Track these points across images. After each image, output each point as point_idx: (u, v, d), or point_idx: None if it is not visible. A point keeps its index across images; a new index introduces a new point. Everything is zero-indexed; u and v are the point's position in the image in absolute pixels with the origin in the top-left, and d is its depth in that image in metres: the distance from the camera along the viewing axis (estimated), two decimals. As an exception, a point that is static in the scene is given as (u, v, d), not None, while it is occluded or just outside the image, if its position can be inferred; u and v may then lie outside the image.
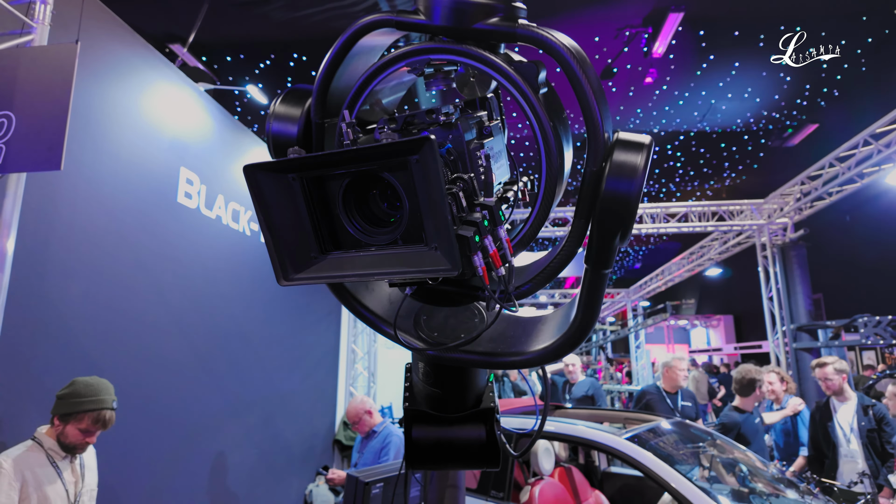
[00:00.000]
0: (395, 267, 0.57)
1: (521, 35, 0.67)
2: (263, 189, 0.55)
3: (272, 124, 0.73)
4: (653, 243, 18.49)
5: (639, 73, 10.75)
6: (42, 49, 2.13)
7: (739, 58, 10.19)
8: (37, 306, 2.80)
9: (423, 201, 0.55)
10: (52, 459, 2.49)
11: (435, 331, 0.82)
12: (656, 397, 4.72)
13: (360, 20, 0.68)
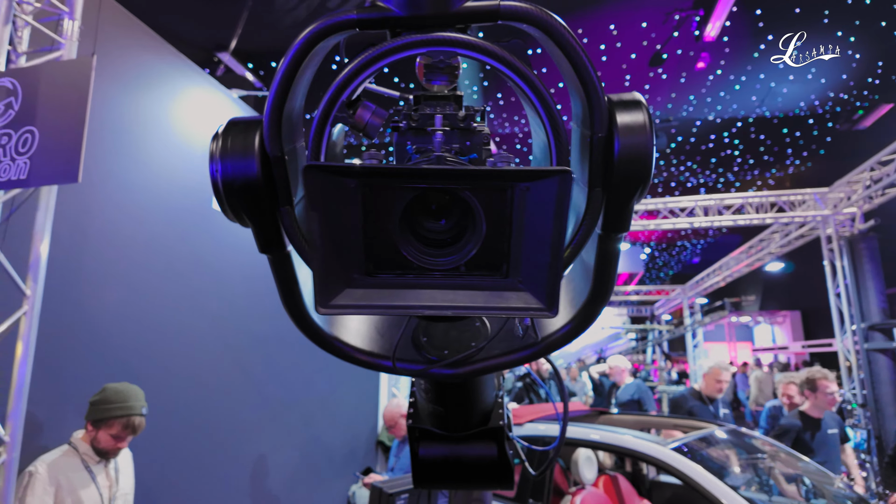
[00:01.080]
0: (469, 301, 0.50)
1: (504, 12, 0.59)
2: (322, 195, 0.47)
3: (222, 164, 0.60)
4: (711, 237, 17.69)
5: (690, 59, 10.27)
6: (60, 64, 2.17)
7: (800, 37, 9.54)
8: (72, 313, 2.88)
9: (525, 233, 0.49)
10: (86, 464, 2.55)
11: (443, 348, 0.73)
12: (699, 405, 4.44)
13: (314, 27, 0.57)
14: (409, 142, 0.58)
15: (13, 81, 2.14)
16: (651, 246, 18.66)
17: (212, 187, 0.61)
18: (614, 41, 10.33)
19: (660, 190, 15.37)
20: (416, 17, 0.57)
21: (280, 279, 0.67)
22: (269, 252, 0.65)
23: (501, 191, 0.48)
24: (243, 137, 0.61)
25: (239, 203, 0.61)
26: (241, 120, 0.63)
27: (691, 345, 13.02)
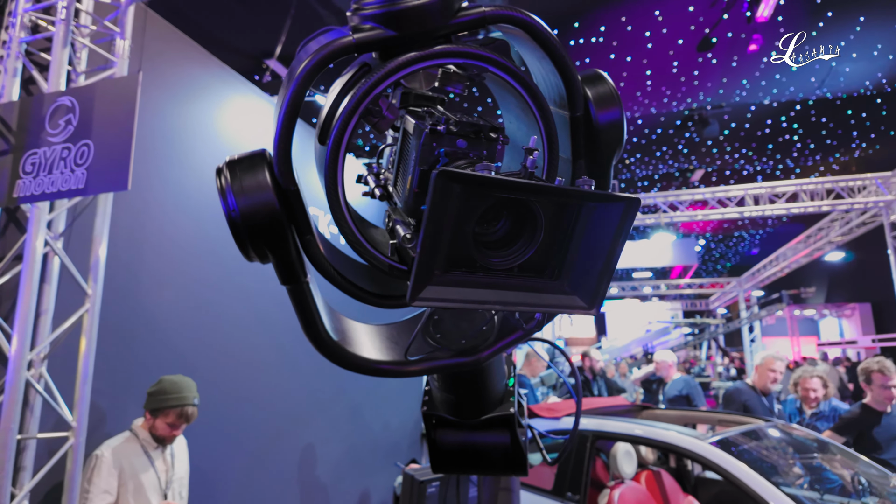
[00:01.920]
0: (528, 300, 0.56)
1: (490, 17, 0.64)
2: (442, 200, 0.49)
3: (239, 204, 0.60)
4: (770, 226, 16.89)
5: (742, 41, 9.87)
6: (111, 81, 2.37)
7: (864, 11, 9.00)
8: (130, 310, 3.11)
9: (582, 244, 0.54)
10: (145, 449, 2.76)
11: (460, 338, 0.78)
12: (754, 398, 4.29)
13: (313, 59, 0.58)
14: (437, 144, 0.60)
15: (72, 99, 2.35)
16: (706, 237, 18.00)
17: (230, 228, 0.61)
18: (660, 27, 10.03)
19: (714, 179, 14.79)
20: (409, 35, 0.60)
21: (302, 309, 0.68)
22: (293, 283, 0.66)
23: (568, 206, 0.53)
24: (253, 174, 0.61)
25: (263, 240, 0.61)
26: (244, 157, 0.63)
27: (748, 339, 12.47)
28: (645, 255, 12.85)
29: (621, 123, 0.71)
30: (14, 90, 2.61)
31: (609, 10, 9.74)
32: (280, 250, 0.63)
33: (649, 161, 14.68)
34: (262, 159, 0.63)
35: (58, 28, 2.51)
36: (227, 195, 0.61)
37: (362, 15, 0.61)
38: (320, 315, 0.69)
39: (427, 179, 0.56)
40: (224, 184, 0.62)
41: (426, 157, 0.59)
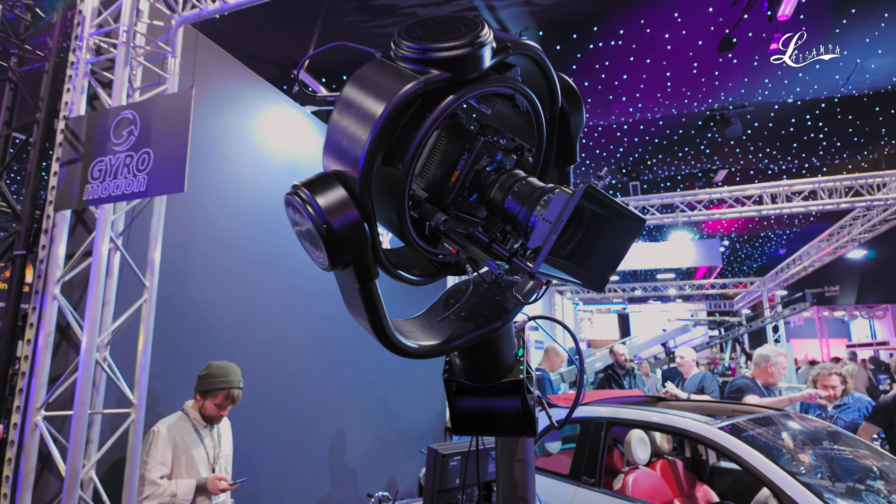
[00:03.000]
0: (567, 272, 0.73)
1: (513, 49, 0.80)
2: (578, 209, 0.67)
3: (330, 222, 0.68)
4: (797, 226, 16.65)
5: (763, 41, 9.86)
6: (168, 96, 2.66)
7: (888, 8, 8.94)
8: (182, 304, 3.42)
9: (604, 244, 0.73)
10: (195, 428, 3.05)
11: (482, 311, 0.97)
12: (758, 391, 4.40)
13: (392, 102, 0.67)
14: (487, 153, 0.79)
15: (133, 113, 2.66)
16: (731, 238, 17.82)
17: (324, 241, 0.68)
18: (679, 29, 10.08)
19: (737, 179, 14.69)
20: (474, 76, 0.75)
21: (373, 306, 0.77)
22: (367, 282, 0.75)
23: (601, 216, 0.72)
24: (334, 192, 0.70)
25: (352, 248, 0.70)
26: (318, 179, 0.72)
27: (772, 339, 12.33)
28: (668, 255, 12.82)
29: (582, 110, 0.94)
30: (81, 105, 2.93)
31: (628, 13, 9.82)
32: (364, 255, 0.72)
33: (671, 162, 14.65)
34: (336, 180, 0.71)
35: (120, 50, 2.83)
36: (316, 211, 0.68)
37: (425, 59, 0.71)
38: (385, 314, 0.79)
39: (478, 178, 0.78)
40: (309, 201, 0.69)
41: (478, 160, 0.78)
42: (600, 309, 22.66)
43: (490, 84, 0.77)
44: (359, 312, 0.80)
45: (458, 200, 0.79)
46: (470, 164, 0.77)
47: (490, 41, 0.74)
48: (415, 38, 0.72)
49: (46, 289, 2.71)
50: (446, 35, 0.72)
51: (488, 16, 9.08)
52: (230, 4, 3.12)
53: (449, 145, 0.78)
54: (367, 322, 0.79)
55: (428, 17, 0.78)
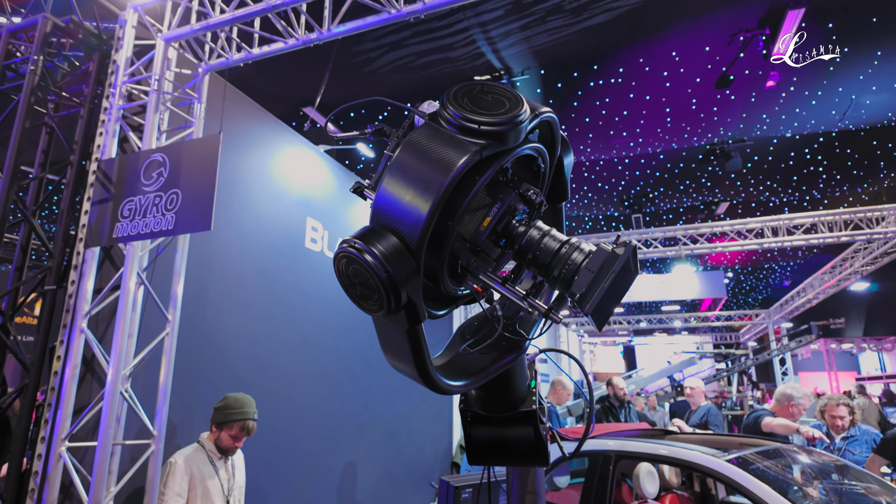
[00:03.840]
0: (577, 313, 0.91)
1: (542, 118, 0.92)
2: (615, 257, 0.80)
3: (393, 266, 0.73)
4: (801, 258, 16.71)
5: (759, 78, 10.12)
6: (197, 140, 2.83)
7: (881, 46, 9.21)
8: (200, 337, 3.52)
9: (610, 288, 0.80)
10: (211, 459, 3.11)
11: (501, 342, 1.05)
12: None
13: (458, 169, 0.75)
14: (521, 205, 0.90)
15: (163, 155, 2.82)
16: (735, 270, 17.86)
17: (384, 289, 0.73)
18: (677, 67, 10.36)
19: (739, 211, 14.82)
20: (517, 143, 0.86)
21: (419, 348, 0.82)
22: (417, 325, 0.80)
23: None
24: (389, 243, 0.75)
25: (408, 293, 0.75)
26: (371, 232, 0.77)
27: (779, 372, 12.24)
28: (672, 288, 12.86)
29: (572, 153, 1.07)
30: (112, 148, 3.10)
31: (627, 51, 10.12)
32: (419, 298, 0.77)
33: (673, 194, 14.82)
34: (387, 231, 0.77)
35: (151, 97, 3.01)
36: (374, 258, 0.73)
37: (475, 130, 0.79)
38: (429, 355, 0.85)
39: (510, 227, 0.88)
40: (366, 250, 0.74)
41: (510, 209, 0.87)
42: (605, 342, 22.56)
43: (525, 148, 0.89)
44: (403, 356, 0.84)
45: (487, 244, 0.88)
46: (501, 213, 0.86)
47: (528, 118, 0.83)
48: (465, 109, 0.80)
49: (74, 322, 2.82)
50: (494, 109, 0.81)
51: (492, 57, 9.39)
52: (254, 54, 3.32)
53: (486, 196, 0.87)
54: (413, 364, 0.83)
55: (470, 84, 0.86)
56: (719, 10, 9.07)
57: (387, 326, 0.84)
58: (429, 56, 8.88)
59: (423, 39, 8.12)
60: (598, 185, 14.01)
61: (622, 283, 0.83)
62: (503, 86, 0.88)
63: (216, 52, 3.40)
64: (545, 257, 0.85)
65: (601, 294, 0.76)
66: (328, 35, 3.13)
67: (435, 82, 9.90)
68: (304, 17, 3.11)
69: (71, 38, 3.14)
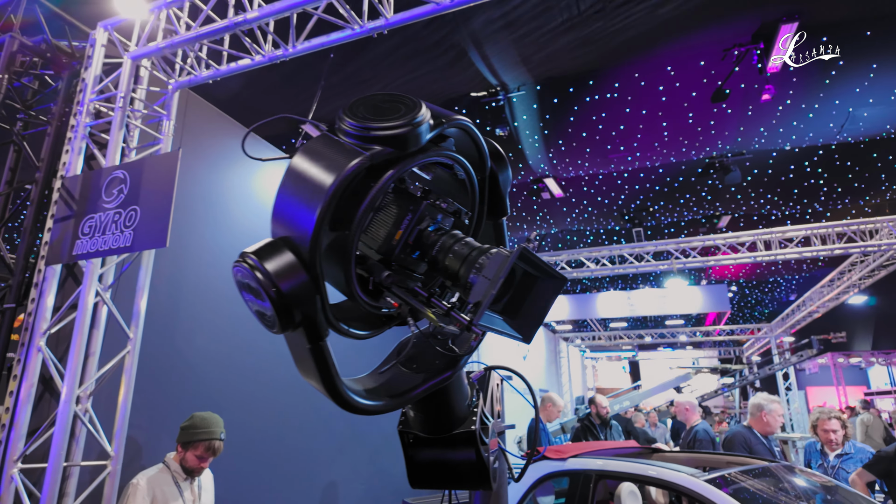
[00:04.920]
0: (502, 328, 0.80)
1: (447, 124, 0.88)
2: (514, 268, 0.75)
3: (284, 283, 0.71)
4: (806, 271, 16.50)
5: (755, 91, 10.09)
6: (156, 157, 2.82)
7: (875, 59, 9.17)
8: (169, 355, 3.48)
9: (532, 300, 0.81)
10: (175, 480, 3.04)
11: (434, 361, 1.01)
12: (754, 440, 4.30)
13: (341, 175, 0.72)
14: (430, 214, 0.86)
15: (124, 172, 2.81)
16: (739, 283, 17.67)
17: (275, 306, 0.70)
18: (672, 81, 10.35)
19: (741, 224, 14.70)
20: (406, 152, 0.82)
21: (325, 365, 0.80)
22: (319, 342, 0.78)
23: (531, 275, 0.81)
24: (283, 258, 0.73)
25: (301, 309, 0.73)
26: (267, 247, 0.75)
27: (783, 387, 12.00)
28: (674, 302, 12.71)
29: (509, 169, 1.03)
30: (78, 166, 3.10)
31: (622, 67, 10.12)
32: (313, 315, 0.75)
33: (673, 208, 14.73)
34: (282, 245, 0.75)
35: (116, 114, 3.02)
36: (264, 276, 0.71)
37: (368, 136, 0.77)
38: (337, 371, 0.82)
39: (421, 237, 0.84)
40: (257, 267, 0.71)
41: (421, 220, 0.84)
42: (611, 357, 22.32)
43: (429, 155, 0.85)
44: (310, 373, 0.82)
45: (402, 257, 0.84)
46: (413, 224, 0.83)
47: (427, 119, 0.81)
48: (359, 118, 0.78)
49: (32, 341, 2.79)
50: (388, 114, 0.79)
51: (487, 73, 9.43)
52: (221, 71, 3.33)
53: (394, 207, 0.84)
54: (320, 381, 0.81)
55: (371, 95, 0.84)
56: (712, 25, 9.08)
57: (293, 341, 0.81)
58: (423, 74, 8.93)
59: (418, 58, 8.16)
60: (598, 200, 13.96)
61: (543, 291, 0.81)
62: (404, 95, 0.85)
63: (186, 70, 3.41)
64: (454, 265, 0.81)
65: (488, 302, 0.71)
66: (294, 52, 3.13)
67: (429, 99, 9.89)
68: (270, 36, 3.11)
69: (40, 57, 3.16)
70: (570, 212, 14.37)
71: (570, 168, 12.53)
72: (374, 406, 0.90)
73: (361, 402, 0.87)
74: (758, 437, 4.35)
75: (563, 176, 12.99)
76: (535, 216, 14.30)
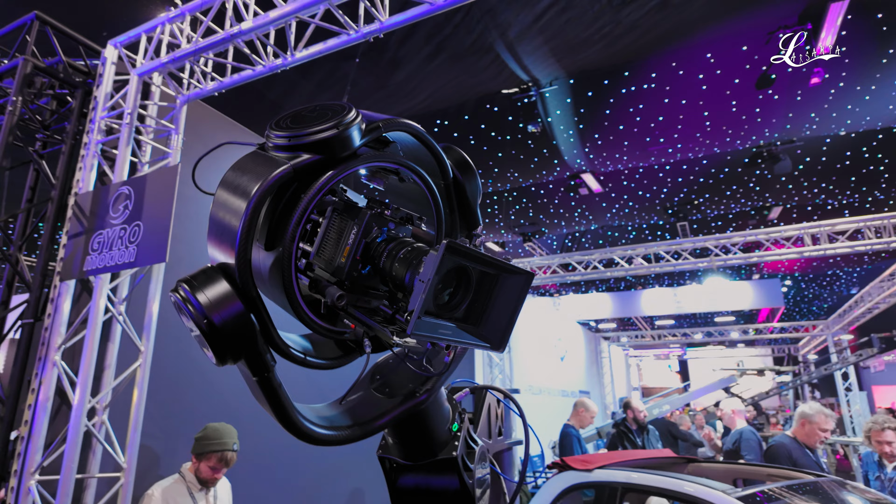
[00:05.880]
0: (464, 339, 0.72)
1: (384, 127, 0.82)
2: (442, 266, 0.64)
3: (211, 318, 0.66)
4: (868, 262, 15.49)
5: (803, 75, 9.53)
6: (158, 171, 2.85)
7: (938, 34, 8.48)
8: (184, 365, 3.53)
9: (498, 306, 0.73)
10: (190, 491, 3.07)
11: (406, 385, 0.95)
12: (798, 451, 3.98)
13: (261, 187, 0.68)
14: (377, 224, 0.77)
15: (129, 188, 2.86)
16: (795, 277, 16.77)
17: (206, 338, 0.65)
18: (713, 69, 9.92)
19: (794, 216, 13.96)
20: (335, 158, 0.75)
21: (274, 397, 0.75)
22: (263, 374, 0.72)
23: (489, 275, 0.72)
24: (215, 286, 0.68)
25: (238, 342, 0.68)
26: (198, 274, 0.70)
27: (842, 388, 11.26)
28: (723, 298, 12.15)
29: (476, 178, 0.95)
30: (91, 183, 3.18)
31: (658, 56, 9.77)
32: (252, 347, 0.70)
33: (720, 201, 14.13)
34: (217, 272, 0.70)
35: (123, 130, 3.07)
36: (195, 308, 0.66)
37: (294, 145, 0.72)
38: (290, 402, 0.77)
39: (369, 250, 0.75)
40: (189, 299, 0.67)
41: (367, 232, 0.76)
42: (658, 355, 21.65)
43: (365, 161, 0.78)
44: (262, 403, 0.77)
45: (354, 275, 0.77)
46: (359, 237, 0.76)
47: (357, 122, 0.75)
48: (283, 128, 0.74)
49: (48, 355, 2.88)
50: (315, 122, 0.74)
51: (517, 68, 9.27)
52: (225, 83, 3.35)
53: (340, 223, 0.78)
54: (272, 413, 0.76)
55: (299, 108, 0.80)
56: (754, 8, 8.62)
57: (241, 370, 0.76)
58: (451, 73, 8.86)
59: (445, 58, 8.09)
60: (639, 194, 13.54)
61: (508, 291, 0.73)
62: (335, 103, 0.80)
63: (192, 84, 3.45)
64: (401, 272, 0.72)
65: (419, 306, 0.63)
66: (294, 60, 3.11)
67: (459, 98, 9.85)
68: (270, 47, 3.10)
69: (53, 78, 3.26)
70: (609, 207, 13.98)
71: (609, 162, 12.19)
72: (336, 436, 0.84)
73: (320, 432, 0.82)
74: (803, 448, 4.05)
75: (601, 170, 12.65)
76: (572, 213, 13.99)
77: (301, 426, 0.78)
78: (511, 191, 12.73)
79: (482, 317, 0.74)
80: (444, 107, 9.64)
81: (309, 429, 0.80)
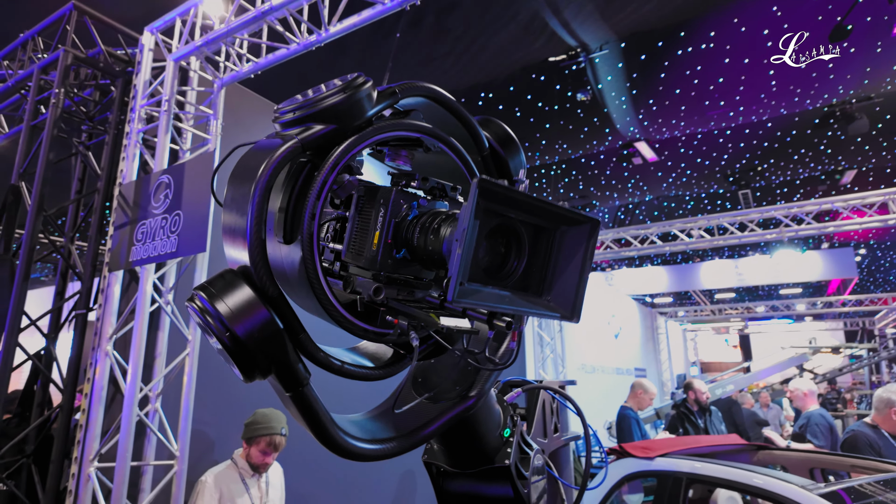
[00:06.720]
0: (526, 307, 0.63)
1: (400, 92, 0.72)
2: (480, 210, 0.54)
3: (234, 330, 0.57)
4: (955, 228, 14.22)
5: (884, 24, 8.70)
6: (194, 160, 2.81)
7: None
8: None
9: (561, 266, 0.64)
10: (242, 477, 3.09)
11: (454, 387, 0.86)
12: (881, 442, 3.62)
13: (269, 165, 0.60)
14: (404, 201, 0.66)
15: (169, 177, 2.83)
16: (870, 245, 15.64)
17: (230, 353, 0.57)
18: (780, 23, 9.18)
19: (870, 179, 12.94)
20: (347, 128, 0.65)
21: (311, 413, 0.66)
22: (297, 388, 0.63)
23: (545, 230, 0.64)
24: (235, 292, 0.59)
25: (267, 355, 0.59)
26: (216, 279, 0.61)
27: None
28: (789, 270, 11.45)
29: (520, 152, 0.83)
30: (134, 172, 3.18)
31: (717, 13, 9.14)
32: (284, 358, 0.61)
33: (786, 166, 13.27)
34: (237, 276, 0.61)
35: (161, 117, 3.04)
36: (216, 320, 0.58)
37: (302, 117, 0.64)
38: (329, 416, 0.69)
39: (401, 230, 0.64)
40: (207, 309, 0.59)
41: (396, 211, 0.65)
42: (719, 329, 20.82)
43: (381, 131, 0.67)
44: (298, 418, 0.68)
45: (389, 262, 0.66)
46: (388, 217, 0.65)
47: (367, 87, 0.66)
48: (291, 104, 0.67)
49: (100, 345, 2.92)
50: (321, 92, 0.66)
51: (564, 33, 8.87)
52: (260, 63, 3.25)
53: (366, 208, 0.67)
54: (309, 429, 0.68)
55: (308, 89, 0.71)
56: (827, -50, 7.86)
57: (273, 384, 0.66)
58: (496, 43, 8.55)
59: (489, 25, 7.81)
60: (697, 161, 12.88)
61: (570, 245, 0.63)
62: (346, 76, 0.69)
63: (228, 68, 3.38)
64: (437, 244, 0.62)
65: (457, 268, 0.53)
66: (328, 36, 2.97)
67: (504, 70, 9.53)
68: (304, 24, 2.98)
69: (94, 68, 3.25)
70: (665, 177, 13.37)
71: (664, 129, 11.61)
72: (378, 451, 0.75)
73: (361, 446, 0.73)
74: (886, 437, 3.68)
75: (655, 138, 12.07)
76: (625, 184, 13.47)
77: (341, 443, 0.70)
78: (560, 163, 12.33)
79: (544, 282, 0.65)
80: (489, 79, 9.35)
81: (349, 444, 0.71)
